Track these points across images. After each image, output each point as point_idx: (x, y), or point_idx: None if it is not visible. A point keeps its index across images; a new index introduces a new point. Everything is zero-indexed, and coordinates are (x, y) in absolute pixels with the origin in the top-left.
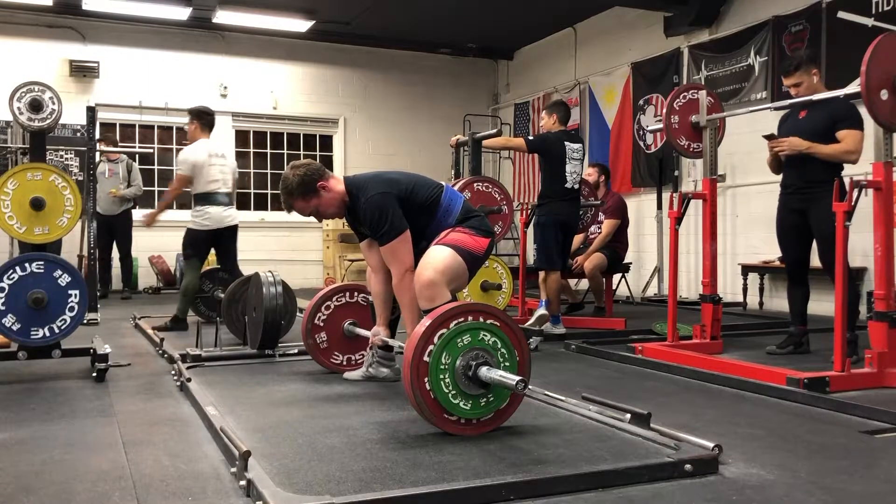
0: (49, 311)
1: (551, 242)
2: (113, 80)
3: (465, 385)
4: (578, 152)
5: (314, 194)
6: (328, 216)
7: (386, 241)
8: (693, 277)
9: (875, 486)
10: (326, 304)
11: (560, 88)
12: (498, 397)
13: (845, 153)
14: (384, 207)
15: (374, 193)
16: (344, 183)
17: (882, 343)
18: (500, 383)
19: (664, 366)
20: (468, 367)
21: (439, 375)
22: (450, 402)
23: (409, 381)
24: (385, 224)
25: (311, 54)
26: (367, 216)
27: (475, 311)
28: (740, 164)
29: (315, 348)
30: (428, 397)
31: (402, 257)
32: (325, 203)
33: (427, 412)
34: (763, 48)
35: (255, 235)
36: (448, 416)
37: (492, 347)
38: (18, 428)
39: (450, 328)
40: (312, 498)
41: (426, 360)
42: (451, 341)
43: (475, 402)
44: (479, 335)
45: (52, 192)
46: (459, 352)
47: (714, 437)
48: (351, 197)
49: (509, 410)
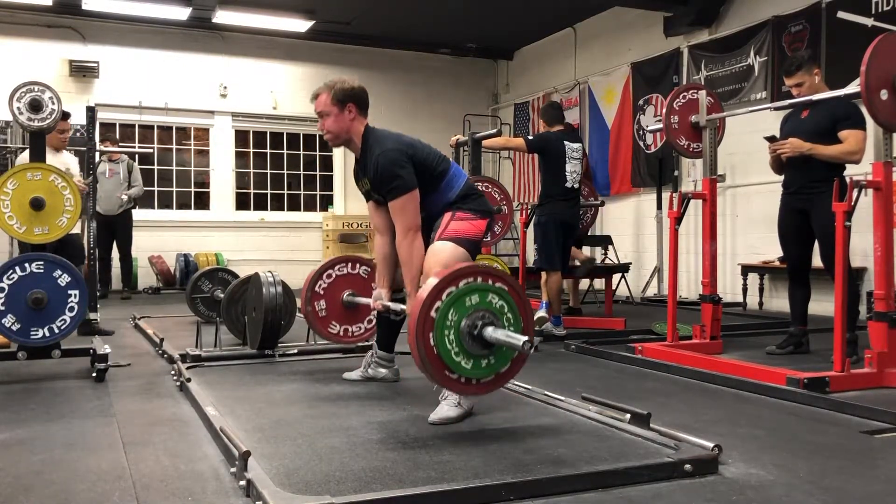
0: (49, 312)
1: (552, 243)
2: (113, 80)
3: (468, 344)
4: (578, 152)
5: (341, 106)
6: (329, 133)
7: (395, 195)
8: (693, 277)
9: (875, 486)
10: (328, 273)
11: (560, 88)
12: (500, 360)
13: (848, 153)
14: (399, 163)
15: (391, 148)
16: (364, 129)
17: (882, 343)
18: (506, 342)
19: (664, 366)
20: (474, 325)
21: (444, 332)
22: (452, 359)
23: (413, 337)
24: (397, 179)
25: (311, 54)
26: (380, 169)
27: (485, 273)
28: (740, 164)
29: (314, 316)
30: (431, 353)
31: (409, 214)
32: (338, 121)
33: (429, 368)
34: (763, 48)
35: (255, 235)
36: (450, 373)
37: (498, 311)
38: (18, 428)
39: (458, 287)
40: (312, 498)
41: (432, 316)
42: (459, 299)
43: (477, 363)
44: (488, 297)
45: (52, 192)
46: (466, 311)
47: (714, 437)
48: (365, 147)
49: (509, 374)
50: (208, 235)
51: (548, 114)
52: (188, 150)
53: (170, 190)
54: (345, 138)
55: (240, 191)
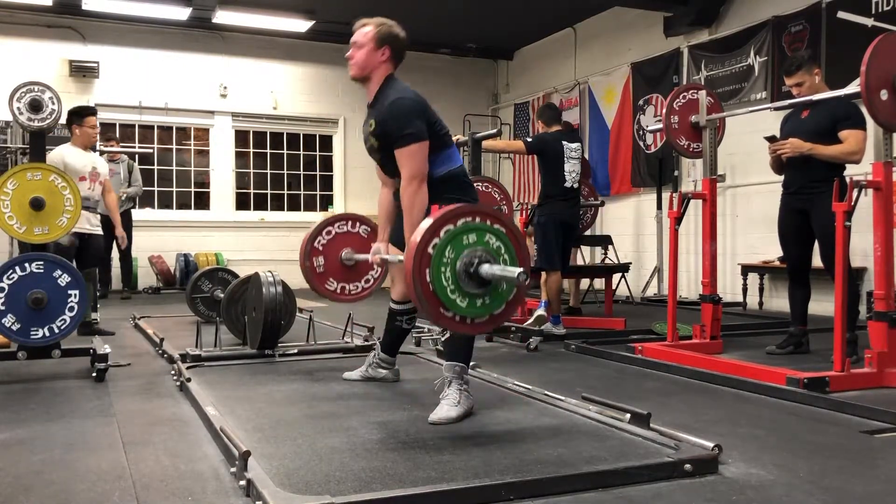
0: (49, 312)
1: (551, 243)
2: (113, 80)
3: (464, 282)
4: (577, 151)
5: (379, 44)
6: (355, 65)
7: (406, 143)
8: (693, 277)
9: (875, 486)
10: (328, 230)
11: (560, 88)
12: (494, 301)
13: (848, 153)
14: (416, 112)
15: (411, 98)
16: (389, 75)
17: (882, 343)
18: (502, 276)
19: (664, 366)
20: (470, 263)
21: (441, 268)
22: (447, 296)
23: (410, 273)
24: (411, 126)
25: (311, 54)
26: (394, 112)
27: (483, 214)
28: (740, 164)
29: (311, 272)
30: (427, 289)
31: (417, 162)
32: (369, 56)
33: (425, 305)
34: (763, 48)
35: (255, 235)
36: (444, 310)
37: (495, 252)
38: (18, 428)
39: (457, 225)
40: (312, 498)
41: (430, 252)
42: (456, 237)
43: (471, 302)
44: (485, 237)
45: (52, 192)
46: (464, 249)
47: (714, 437)
48: (380, 91)
49: (503, 316)
50: (208, 235)
51: (545, 114)
52: (188, 150)
53: (170, 190)
54: (366, 74)
55: (240, 191)
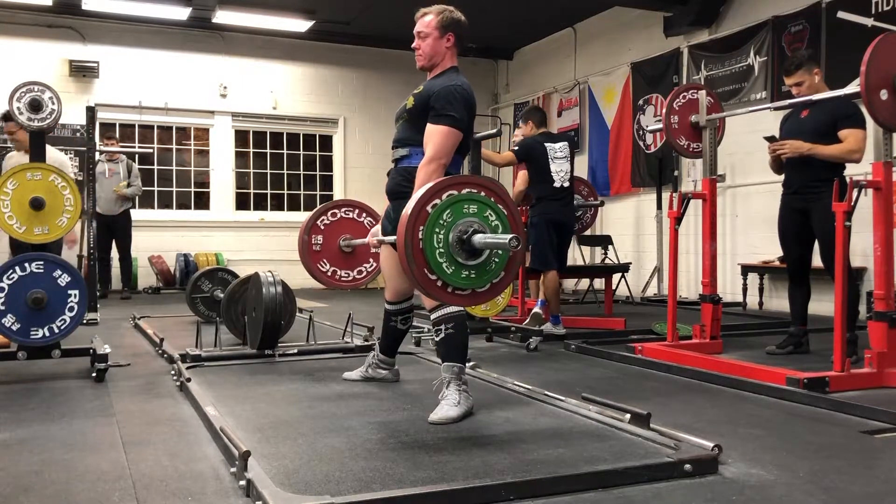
0: (49, 311)
1: (544, 242)
2: (112, 80)
3: (455, 249)
4: (562, 150)
5: (443, 31)
6: (422, 55)
7: (445, 122)
8: (693, 277)
9: (875, 486)
10: (333, 212)
11: (559, 88)
12: (480, 278)
13: (848, 153)
14: (468, 103)
15: (469, 90)
16: (451, 64)
17: (882, 343)
18: (494, 243)
19: (664, 366)
20: (465, 231)
21: (435, 229)
22: (436, 259)
23: (403, 227)
24: (456, 111)
25: (310, 54)
26: (448, 92)
27: (488, 189)
28: (740, 164)
29: (308, 247)
30: (417, 247)
31: (445, 145)
32: (436, 45)
33: (412, 264)
34: (763, 48)
35: (255, 235)
36: (429, 272)
37: (492, 229)
38: (18, 428)
39: (461, 192)
40: (312, 498)
41: (427, 211)
42: (457, 203)
43: (457, 271)
44: (486, 212)
45: (52, 192)
46: (462, 217)
47: (714, 437)
48: (437, 75)
49: (485, 296)
50: (208, 235)
51: (536, 116)
52: (188, 150)
53: (170, 190)
54: (434, 63)
55: (240, 191)
